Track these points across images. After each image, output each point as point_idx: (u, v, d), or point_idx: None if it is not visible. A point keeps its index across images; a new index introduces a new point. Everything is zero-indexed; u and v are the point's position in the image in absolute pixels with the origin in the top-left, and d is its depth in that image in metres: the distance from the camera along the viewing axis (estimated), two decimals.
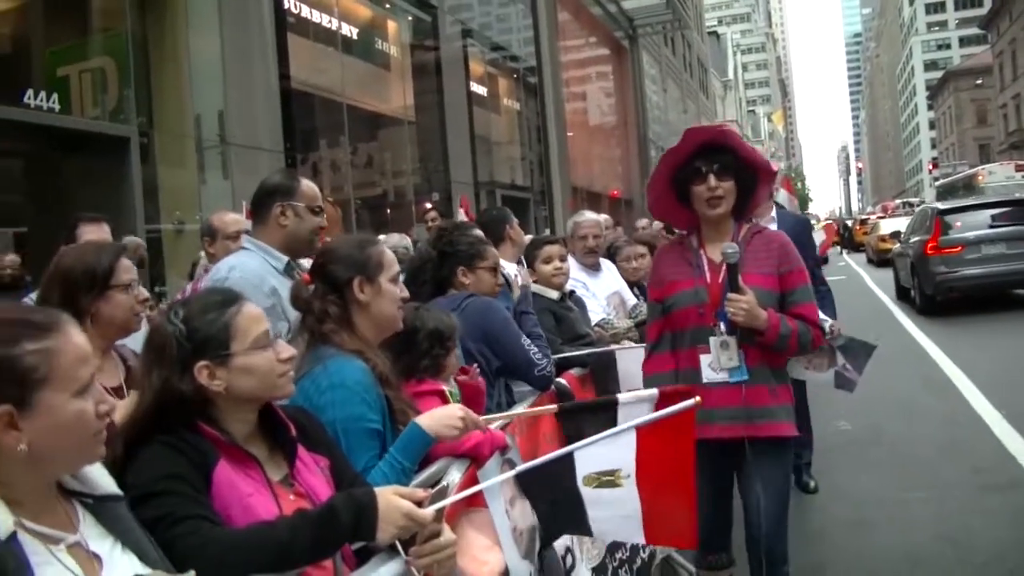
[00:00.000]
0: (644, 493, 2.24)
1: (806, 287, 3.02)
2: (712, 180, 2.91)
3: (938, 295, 12.79)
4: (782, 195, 5.95)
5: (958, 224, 12.97)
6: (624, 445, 2.19)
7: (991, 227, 12.68)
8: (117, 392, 2.47)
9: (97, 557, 1.44)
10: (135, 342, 2.59)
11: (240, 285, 2.73)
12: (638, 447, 2.19)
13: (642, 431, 2.18)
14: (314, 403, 2.22)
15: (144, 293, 2.75)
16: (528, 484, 2.23)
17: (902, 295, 15.28)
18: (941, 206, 14.55)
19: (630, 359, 3.91)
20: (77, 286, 2.46)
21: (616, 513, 2.26)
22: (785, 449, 3.04)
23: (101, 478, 1.54)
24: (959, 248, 12.52)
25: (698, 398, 2.18)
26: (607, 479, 2.21)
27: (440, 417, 2.20)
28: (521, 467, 2.14)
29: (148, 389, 1.81)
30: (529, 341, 3.37)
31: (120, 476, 1.62)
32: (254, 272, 2.93)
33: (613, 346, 4.22)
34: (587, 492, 2.24)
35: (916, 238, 14.02)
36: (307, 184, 3.14)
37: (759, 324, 2.84)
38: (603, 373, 4.09)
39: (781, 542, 3.07)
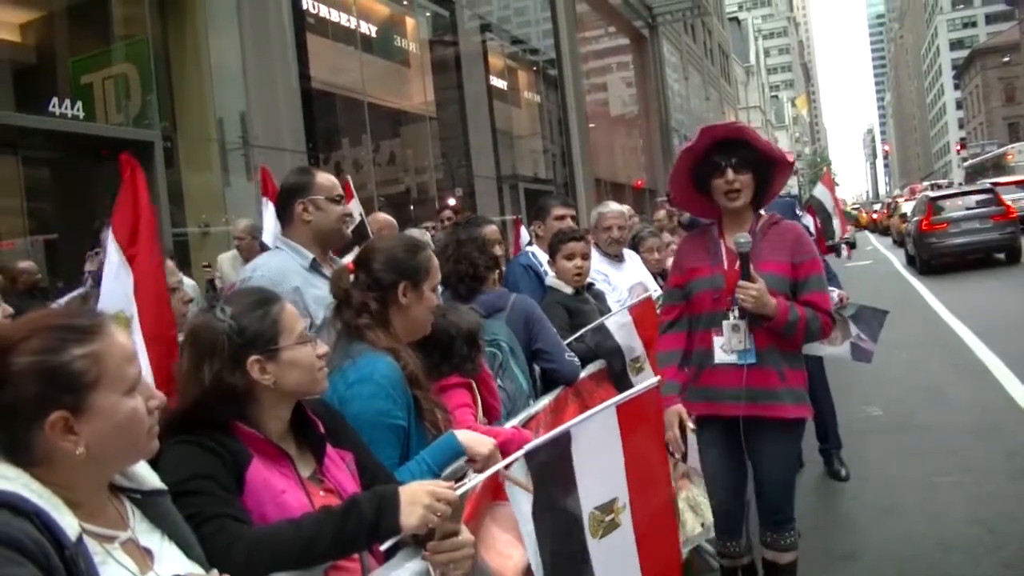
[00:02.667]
0: (637, 519, 2.23)
1: (820, 276, 3.12)
2: (730, 174, 3.03)
3: (932, 260, 16.97)
4: (819, 188, 5.86)
5: (946, 206, 17.14)
6: (614, 458, 2.20)
7: (968, 208, 16.75)
8: None
9: (149, 552, 1.47)
10: None
11: (261, 284, 2.77)
12: (625, 454, 2.20)
13: (626, 436, 2.19)
14: (341, 395, 2.24)
15: (189, 293, 2.80)
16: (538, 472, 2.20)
17: (910, 262, 19.27)
18: (932, 194, 19.80)
19: (619, 326, 4.03)
20: None
21: (617, 561, 2.21)
22: (792, 430, 3.16)
23: (147, 473, 1.57)
24: (945, 225, 16.69)
25: (659, 377, 2.40)
26: (609, 519, 2.20)
27: (476, 436, 2.28)
28: (528, 446, 2.14)
29: (194, 384, 1.84)
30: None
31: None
32: (276, 270, 2.95)
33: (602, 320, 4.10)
34: (594, 547, 2.19)
35: (915, 218, 18.18)
36: (323, 176, 3.16)
37: (768, 311, 2.96)
38: (612, 357, 4.06)
39: (788, 509, 3.22)
